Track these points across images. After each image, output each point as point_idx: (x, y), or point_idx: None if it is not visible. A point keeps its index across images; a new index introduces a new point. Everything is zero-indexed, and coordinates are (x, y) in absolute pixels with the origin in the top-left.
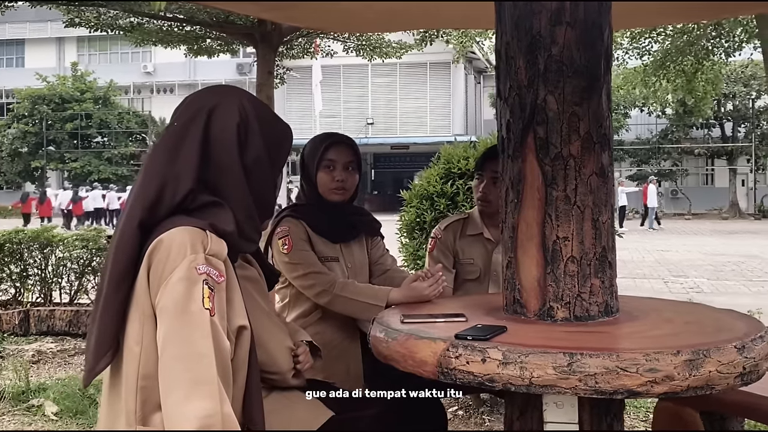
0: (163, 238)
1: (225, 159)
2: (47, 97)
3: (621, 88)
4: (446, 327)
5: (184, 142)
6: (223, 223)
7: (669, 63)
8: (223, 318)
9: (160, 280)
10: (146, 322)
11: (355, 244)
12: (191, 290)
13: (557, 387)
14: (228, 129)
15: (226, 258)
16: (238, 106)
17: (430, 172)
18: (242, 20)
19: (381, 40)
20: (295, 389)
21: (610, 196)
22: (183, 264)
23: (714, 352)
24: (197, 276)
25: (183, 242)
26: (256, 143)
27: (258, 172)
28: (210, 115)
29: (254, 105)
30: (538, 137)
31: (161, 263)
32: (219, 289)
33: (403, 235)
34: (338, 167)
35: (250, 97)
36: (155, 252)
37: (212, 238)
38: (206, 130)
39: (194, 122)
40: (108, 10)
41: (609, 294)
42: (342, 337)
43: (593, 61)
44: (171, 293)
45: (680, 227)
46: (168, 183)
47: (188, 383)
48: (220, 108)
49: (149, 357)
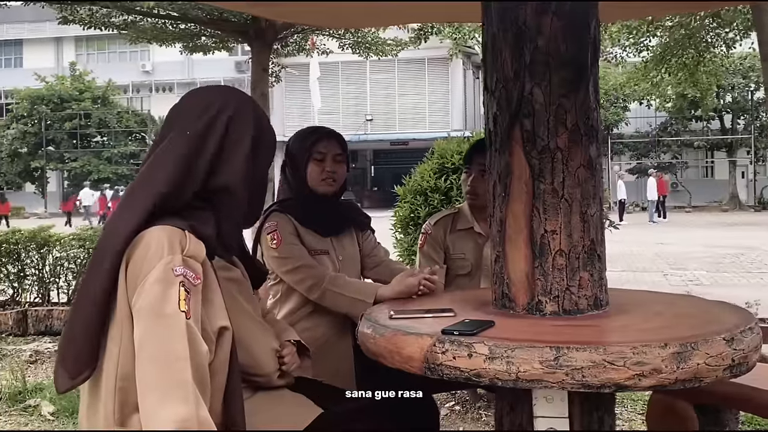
0: (143, 235)
1: (232, 173)
2: (46, 97)
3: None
4: (434, 322)
5: (199, 153)
6: (204, 226)
7: (669, 57)
8: (198, 321)
9: (137, 279)
10: (124, 322)
11: (346, 237)
12: (167, 292)
13: (544, 381)
14: (243, 142)
15: (205, 259)
16: (254, 119)
17: (424, 167)
18: (236, 17)
19: (376, 38)
20: (283, 388)
21: (598, 189)
22: (159, 265)
23: (702, 345)
24: (173, 278)
25: (160, 242)
26: (263, 158)
27: (258, 186)
28: (228, 127)
29: (265, 118)
30: (524, 130)
31: (138, 262)
32: (195, 291)
33: (397, 231)
34: (328, 159)
35: (259, 107)
36: (134, 249)
37: (191, 239)
38: (222, 141)
39: (212, 133)
40: (100, 8)
41: (598, 287)
42: (333, 332)
43: (580, 52)
44: (147, 295)
45: (680, 220)
46: (174, 193)
47: (163, 386)
48: (237, 120)
49: (127, 357)
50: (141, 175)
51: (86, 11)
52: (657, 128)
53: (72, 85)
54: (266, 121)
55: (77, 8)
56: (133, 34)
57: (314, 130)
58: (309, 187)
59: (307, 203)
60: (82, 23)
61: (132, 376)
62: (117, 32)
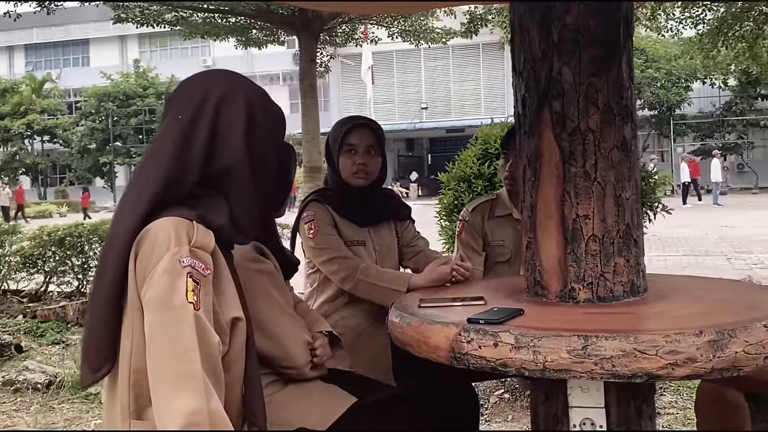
0: (150, 227)
1: (231, 155)
2: (112, 94)
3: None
4: (462, 311)
5: (192, 137)
6: (214, 215)
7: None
8: (209, 311)
9: (145, 272)
10: (135, 315)
11: (384, 228)
12: (175, 283)
13: (572, 371)
14: (236, 124)
15: (215, 250)
16: (245, 100)
17: (468, 153)
18: (283, 9)
19: (425, 26)
20: (316, 379)
21: (634, 171)
22: (167, 257)
23: (741, 332)
24: (181, 269)
25: (167, 233)
26: (263, 138)
27: (264, 167)
28: (218, 109)
29: (260, 97)
30: (554, 111)
31: (146, 254)
32: (205, 282)
33: (442, 218)
34: (359, 151)
35: (255, 87)
36: (142, 242)
37: (199, 229)
38: (214, 124)
39: (202, 116)
40: (150, 5)
41: (635, 273)
42: (369, 322)
43: (611, 29)
44: (155, 287)
45: (747, 202)
46: (175, 178)
47: (173, 379)
48: (227, 101)
49: (139, 351)
50: (141, 164)
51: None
52: (721, 108)
53: (136, 81)
54: (262, 101)
55: (130, 7)
56: (186, 29)
57: (348, 120)
58: (343, 179)
59: (344, 194)
60: (136, 21)
61: (145, 369)
62: (170, 28)
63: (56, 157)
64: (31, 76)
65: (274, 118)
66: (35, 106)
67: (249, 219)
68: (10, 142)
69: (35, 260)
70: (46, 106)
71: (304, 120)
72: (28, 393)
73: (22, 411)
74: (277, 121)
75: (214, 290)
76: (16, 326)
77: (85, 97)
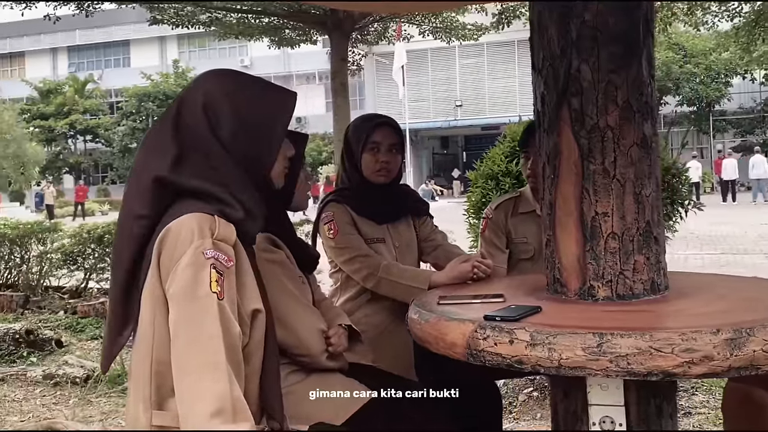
0: (172, 226)
1: (201, 143)
2: (152, 94)
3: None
4: (480, 308)
5: (161, 137)
6: (232, 209)
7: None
8: (233, 302)
9: (170, 266)
10: (158, 308)
11: (402, 224)
12: (199, 275)
13: (587, 369)
14: (195, 114)
15: (237, 242)
16: (202, 91)
17: (495, 151)
18: (315, 9)
19: (456, 22)
20: (336, 372)
21: (654, 168)
22: (190, 250)
23: (759, 330)
24: (204, 260)
25: (190, 228)
26: (229, 118)
27: (242, 147)
28: (179, 107)
29: (222, 83)
30: (572, 109)
31: (170, 250)
32: (228, 273)
33: (470, 216)
34: (383, 149)
35: (221, 76)
36: (164, 240)
37: (220, 223)
38: (176, 121)
39: (166, 117)
40: (183, 7)
41: (655, 271)
42: (391, 319)
43: (631, 25)
44: (180, 279)
45: None
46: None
47: (198, 367)
48: (186, 98)
49: (162, 342)
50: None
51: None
52: (762, 103)
53: (176, 81)
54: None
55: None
56: (220, 30)
57: (370, 117)
58: (364, 177)
59: (363, 192)
60: (171, 23)
61: (167, 361)
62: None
63: (98, 156)
64: (73, 77)
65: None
66: (78, 106)
67: (252, 203)
68: (54, 142)
69: (76, 257)
70: (88, 106)
71: (335, 119)
72: (67, 387)
73: (61, 404)
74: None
75: (236, 282)
76: (57, 322)
77: (126, 97)
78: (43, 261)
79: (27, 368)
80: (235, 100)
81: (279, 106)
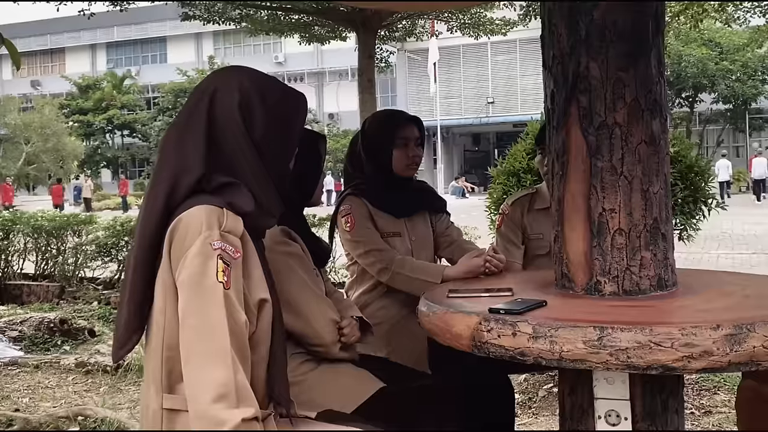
0: (182, 217)
1: (232, 141)
2: (188, 90)
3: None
4: (487, 301)
5: (190, 132)
6: (242, 203)
7: None
8: (239, 292)
9: (180, 255)
10: (168, 295)
11: (419, 218)
12: (206, 264)
13: (588, 361)
14: (230, 110)
15: (244, 234)
16: (237, 86)
17: (517, 148)
18: (343, 6)
19: (483, 18)
20: (347, 362)
21: (663, 166)
22: (198, 240)
23: (760, 326)
24: (212, 251)
25: (199, 220)
26: (262, 120)
27: (270, 148)
28: (212, 101)
29: (256, 81)
30: (581, 106)
31: (180, 240)
32: (236, 264)
33: (491, 212)
34: (411, 144)
35: (253, 74)
36: (175, 231)
37: (229, 215)
38: (209, 115)
39: (197, 110)
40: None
41: (663, 267)
42: (406, 312)
43: (640, 23)
44: (188, 268)
45: None
46: (180, 173)
47: (203, 353)
48: (220, 91)
49: (173, 328)
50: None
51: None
52: None
53: None
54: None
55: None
56: (251, 26)
57: (392, 114)
58: (392, 172)
59: (381, 186)
60: (202, 19)
61: (177, 345)
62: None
63: (135, 150)
64: (111, 73)
65: (273, 98)
66: (116, 101)
67: (270, 200)
68: (92, 137)
69: (109, 249)
70: (125, 101)
71: (362, 115)
72: (98, 375)
73: (92, 391)
74: (278, 100)
75: (243, 273)
76: (91, 312)
77: (163, 93)
78: (78, 252)
79: (60, 356)
80: (267, 101)
81: (299, 108)
